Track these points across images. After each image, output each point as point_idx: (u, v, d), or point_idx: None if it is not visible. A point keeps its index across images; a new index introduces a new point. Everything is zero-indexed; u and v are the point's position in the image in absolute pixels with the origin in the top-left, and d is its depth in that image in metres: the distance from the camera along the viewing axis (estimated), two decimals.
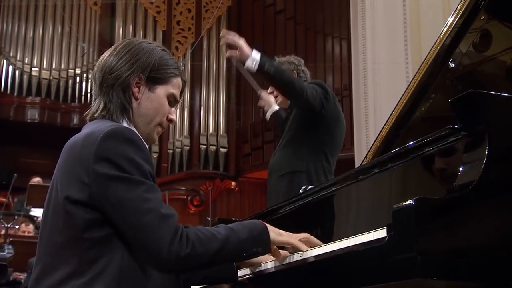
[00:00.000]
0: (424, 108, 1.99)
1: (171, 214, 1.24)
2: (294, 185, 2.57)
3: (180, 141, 9.64)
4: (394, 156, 1.33)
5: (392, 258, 1.02)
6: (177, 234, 1.21)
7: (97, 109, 1.39)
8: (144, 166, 1.25)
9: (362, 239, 1.16)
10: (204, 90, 9.72)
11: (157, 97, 1.40)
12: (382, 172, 1.35)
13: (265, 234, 1.33)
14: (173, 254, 1.20)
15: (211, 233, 1.27)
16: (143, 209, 1.20)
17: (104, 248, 1.23)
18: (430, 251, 0.99)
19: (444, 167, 1.20)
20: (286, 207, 1.71)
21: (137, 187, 1.22)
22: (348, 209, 1.48)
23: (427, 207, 1.02)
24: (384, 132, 2.05)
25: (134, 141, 1.27)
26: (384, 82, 5.64)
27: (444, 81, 1.92)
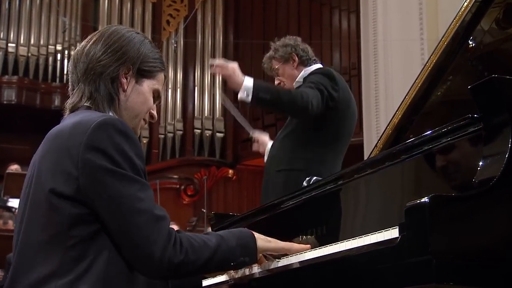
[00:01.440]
0: (441, 92, 1.98)
1: (164, 216, 1.25)
2: (291, 183, 2.54)
3: (172, 125, 9.63)
4: (407, 147, 1.32)
5: (404, 261, 1.02)
6: (171, 239, 1.23)
7: (80, 99, 1.39)
8: (137, 162, 1.26)
9: (371, 239, 1.16)
10: (199, 69, 9.69)
11: (144, 91, 1.42)
12: (394, 165, 1.34)
13: (252, 243, 1.36)
14: (165, 260, 1.22)
15: (203, 241, 1.30)
16: (137, 209, 1.22)
17: (89, 246, 1.24)
18: (447, 254, 0.99)
19: (462, 160, 1.19)
20: (289, 202, 1.71)
21: (131, 184, 1.23)
22: (356, 205, 1.48)
23: (443, 205, 1.02)
24: (396, 118, 2.04)
25: (128, 134, 1.27)
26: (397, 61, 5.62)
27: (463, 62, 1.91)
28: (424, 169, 1.29)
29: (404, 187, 1.35)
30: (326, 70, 2.77)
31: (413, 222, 1.02)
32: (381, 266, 1.07)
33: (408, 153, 1.31)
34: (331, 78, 2.70)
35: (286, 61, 2.86)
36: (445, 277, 0.98)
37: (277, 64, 2.88)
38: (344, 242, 1.25)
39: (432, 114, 2.05)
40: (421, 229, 1.01)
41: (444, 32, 1.91)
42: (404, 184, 1.35)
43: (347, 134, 2.77)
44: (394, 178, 1.35)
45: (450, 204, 1.03)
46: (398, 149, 1.35)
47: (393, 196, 1.35)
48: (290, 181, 2.60)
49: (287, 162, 2.67)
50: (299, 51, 2.87)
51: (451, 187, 1.19)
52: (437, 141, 1.23)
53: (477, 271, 1.01)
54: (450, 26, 1.88)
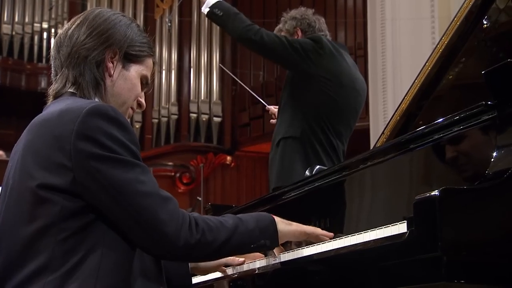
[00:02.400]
0: (452, 75, 1.97)
1: (171, 197, 1.28)
2: (286, 154, 2.65)
3: (166, 108, 9.61)
4: (416, 136, 1.32)
5: (412, 257, 1.03)
6: (185, 218, 1.26)
7: (64, 84, 1.38)
8: (133, 147, 1.27)
9: (378, 234, 1.16)
10: (194, 49, 9.64)
11: (131, 77, 1.43)
12: (402, 155, 1.34)
13: (273, 226, 1.38)
14: (181, 240, 1.25)
15: (219, 221, 1.33)
16: (141, 192, 1.24)
17: (81, 240, 1.24)
18: (458, 250, 0.99)
19: (474, 151, 1.19)
20: (291, 193, 1.72)
21: (131, 168, 1.25)
22: (361, 197, 1.48)
23: (454, 198, 1.02)
24: (405, 103, 2.04)
25: (120, 121, 1.28)
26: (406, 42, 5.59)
27: (477, 43, 1.90)
28: (434, 159, 1.29)
29: (413, 179, 1.35)
30: (313, 35, 2.88)
31: (422, 217, 1.02)
32: (388, 262, 1.08)
33: (417, 142, 1.31)
34: (316, 41, 2.80)
35: (292, 35, 2.96)
36: (456, 275, 0.98)
37: None
38: (349, 237, 1.25)
39: (443, 99, 2.04)
40: (430, 224, 1.01)
41: (457, 11, 1.90)
42: (413, 176, 1.35)
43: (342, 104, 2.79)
44: (402, 169, 1.35)
45: (462, 197, 1.03)
46: (407, 138, 1.34)
47: (401, 188, 1.35)
48: (285, 152, 2.73)
49: (283, 133, 2.79)
50: (305, 26, 2.96)
51: (462, 179, 1.18)
52: (448, 130, 1.23)
53: (490, 269, 1.01)
54: (463, 4, 1.87)
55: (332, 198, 1.56)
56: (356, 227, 1.40)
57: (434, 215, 1.00)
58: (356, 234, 1.23)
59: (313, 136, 2.73)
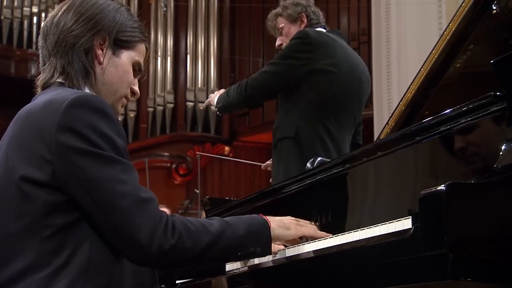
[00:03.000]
0: (460, 63, 1.97)
1: (151, 198, 1.25)
2: (282, 156, 2.64)
3: (162, 97, 9.60)
4: (422, 128, 1.31)
5: (417, 254, 1.02)
6: (161, 222, 1.23)
7: (52, 74, 1.37)
8: (118, 141, 1.26)
9: (382, 230, 1.16)
10: (191, 35, 9.61)
11: (122, 64, 1.41)
12: (407, 148, 1.33)
13: (265, 232, 1.35)
14: (155, 245, 1.21)
15: (202, 225, 1.29)
16: (119, 192, 1.21)
17: (68, 236, 1.24)
18: (465, 247, 0.99)
19: (483, 143, 1.18)
20: (291, 186, 1.71)
21: (111, 165, 1.23)
22: (364, 192, 1.48)
23: (461, 193, 1.01)
24: (410, 92, 2.03)
25: (105, 111, 1.26)
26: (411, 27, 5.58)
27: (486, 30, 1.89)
28: (440, 152, 1.29)
29: (418, 173, 1.34)
30: (299, 33, 2.82)
31: (428, 212, 1.02)
32: (392, 259, 1.07)
33: (423, 134, 1.30)
34: (301, 37, 2.75)
35: (294, 21, 2.91)
36: (463, 273, 0.98)
37: (283, 23, 2.93)
38: (351, 233, 1.25)
39: (450, 88, 2.04)
40: (436, 220, 1.00)
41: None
42: (418, 169, 1.35)
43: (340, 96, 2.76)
44: (408, 162, 1.35)
45: (469, 192, 1.02)
46: (412, 130, 1.34)
47: (405, 182, 1.35)
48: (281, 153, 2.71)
49: (279, 132, 2.77)
50: (310, 13, 2.93)
51: (470, 173, 1.18)
52: (455, 122, 1.22)
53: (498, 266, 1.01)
54: None
55: (334, 192, 1.55)
56: (359, 223, 1.40)
57: (440, 211, 1.00)
58: (359, 230, 1.23)
59: (312, 134, 2.68)
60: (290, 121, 2.73)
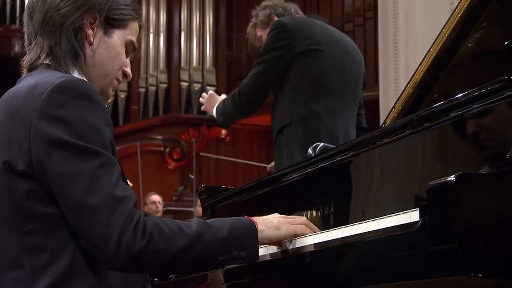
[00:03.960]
0: (472, 42, 1.96)
1: (126, 196, 1.22)
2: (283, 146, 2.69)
3: (155, 76, 9.58)
4: (431, 113, 1.31)
5: (425, 249, 1.02)
6: (132, 222, 1.19)
7: (38, 55, 1.36)
8: (104, 131, 1.25)
9: (387, 222, 1.16)
10: (185, 10, 9.57)
11: (114, 44, 1.40)
12: (415, 135, 1.33)
13: (251, 235, 1.32)
14: (122, 247, 1.18)
15: (178, 226, 1.26)
16: (91, 189, 1.19)
17: (51, 233, 1.23)
18: (475, 242, 0.99)
19: (495, 131, 1.18)
20: (292, 174, 1.71)
21: (89, 158, 1.21)
22: (369, 181, 1.48)
23: (472, 184, 1.01)
24: (418, 74, 2.03)
25: (92, 98, 1.25)
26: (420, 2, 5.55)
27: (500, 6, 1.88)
28: (450, 140, 1.28)
29: (427, 162, 1.34)
30: (273, 24, 2.87)
31: (437, 204, 1.02)
32: (398, 254, 1.07)
33: (432, 120, 1.30)
34: (278, 28, 2.79)
35: (267, 25, 2.99)
36: (473, 269, 0.98)
37: (259, 31, 3.01)
38: (355, 225, 1.25)
39: (461, 69, 2.03)
40: (445, 213, 1.00)
41: None
42: (427, 158, 1.34)
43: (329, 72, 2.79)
44: (415, 150, 1.35)
45: (481, 183, 1.02)
46: (421, 116, 1.33)
47: (413, 172, 1.35)
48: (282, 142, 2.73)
49: (277, 123, 2.79)
50: (279, 11, 2.99)
51: (482, 163, 1.18)
52: (467, 107, 1.22)
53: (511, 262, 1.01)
54: None
55: (337, 181, 1.55)
56: (363, 215, 1.40)
57: (450, 203, 1.00)
58: (363, 223, 1.23)
59: (308, 114, 2.71)
60: (284, 111, 2.76)
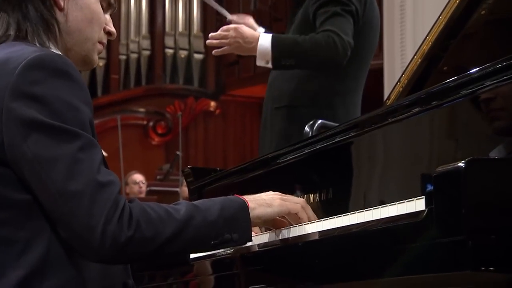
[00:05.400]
0: (486, 9, 1.96)
1: (110, 181, 1.22)
2: (294, 126, 2.49)
3: (136, 42, 9.54)
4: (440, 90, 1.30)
5: (430, 241, 1.03)
6: (117, 209, 1.20)
7: (6, 30, 1.34)
8: (83, 111, 1.24)
9: (390, 211, 1.16)
10: None
11: (87, 3, 1.38)
12: (422, 115, 1.33)
13: (243, 215, 1.33)
14: (108, 237, 1.18)
15: (166, 211, 1.26)
16: (71, 172, 1.19)
17: (22, 224, 1.23)
18: (486, 234, 0.99)
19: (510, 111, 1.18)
20: (287, 156, 1.71)
21: (68, 141, 1.21)
22: (371, 166, 1.48)
23: (483, 171, 1.01)
24: (426, 44, 2.02)
25: (70, 75, 1.25)
26: None
27: None
28: (461, 120, 1.29)
29: (434, 145, 1.34)
30: None
31: (444, 192, 1.02)
32: (401, 246, 1.08)
33: (441, 98, 1.30)
34: None
35: None
36: (484, 263, 0.99)
37: None
38: (355, 214, 1.25)
39: (473, 38, 2.03)
40: (454, 202, 1.00)
41: None
42: (434, 141, 1.34)
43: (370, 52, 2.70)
44: (422, 132, 1.35)
45: (493, 169, 1.02)
46: (429, 93, 1.33)
47: (419, 155, 1.35)
48: (292, 122, 2.56)
49: (289, 97, 2.63)
50: None
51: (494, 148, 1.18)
52: (479, 84, 1.22)
53: None
54: None
55: (336, 164, 1.56)
56: (364, 202, 1.41)
57: (459, 191, 1.00)
58: (364, 211, 1.23)
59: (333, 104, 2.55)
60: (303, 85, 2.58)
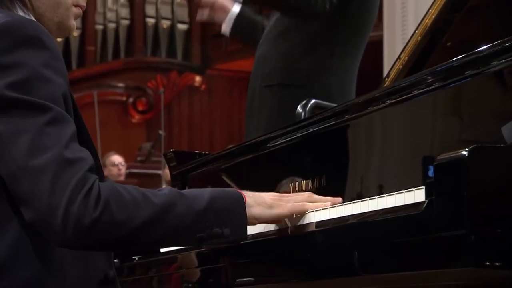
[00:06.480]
0: None
1: (80, 158, 1.21)
2: (286, 106, 2.49)
3: (114, 11, 9.49)
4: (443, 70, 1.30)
5: (431, 235, 1.03)
6: (83, 188, 1.18)
7: None
8: (55, 82, 1.23)
9: (388, 202, 1.17)
10: None
11: None
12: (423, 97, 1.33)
13: (238, 209, 1.31)
14: (71, 218, 1.16)
15: (143, 194, 1.24)
16: (35, 147, 1.18)
17: None
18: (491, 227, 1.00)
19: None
20: (278, 140, 1.71)
21: (34, 115, 1.20)
22: (368, 152, 1.48)
23: (488, 160, 1.02)
24: (429, 18, 2.02)
25: (42, 42, 1.24)
26: None
27: None
28: (466, 104, 1.29)
29: (437, 131, 1.34)
30: None
31: (446, 183, 1.02)
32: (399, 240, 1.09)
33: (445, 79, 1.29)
34: None
35: None
36: (487, 258, 0.99)
37: None
38: (350, 204, 1.26)
39: (480, 11, 2.03)
40: (456, 192, 1.01)
41: None
42: (437, 126, 1.34)
43: (369, 23, 2.70)
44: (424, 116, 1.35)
45: (498, 158, 1.03)
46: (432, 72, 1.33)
47: (420, 142, 1.35)
48: (285, 102, 2.54)
49: (281, 74, 2.62)
50: None
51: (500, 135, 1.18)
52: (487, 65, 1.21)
53: None
54: None
55: (330, 149, 1.56)
56: (360, 191, 1.41)
57: (461, 181, 1.00)
58: (360, 201, 1.23)
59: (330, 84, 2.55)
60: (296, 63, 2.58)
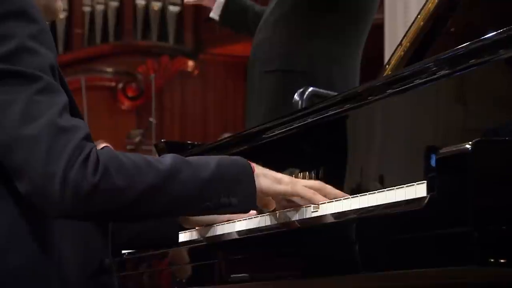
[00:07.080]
0: None
1: (74, 126, 1.21)
2: (286, 92, 2.51)
3: None
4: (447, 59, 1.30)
5: (432, 232, 1.04)
6: (81, 154, 1.17)
7: None
8: (43, 54, 1.24)
9: (388, 197, 1.17)
10: None
11: None
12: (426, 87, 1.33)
13: (246, 178, 1.29)
14: (69, 184, 1.15)
15: (145, 160, 1.23)
16: (27, 115, 1.18)
17: None
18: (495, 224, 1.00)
19: None
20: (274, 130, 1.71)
21: (24, 84, 1.20)
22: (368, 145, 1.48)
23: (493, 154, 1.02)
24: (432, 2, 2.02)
25: (29, 14, 1.25)
26: None
27: None
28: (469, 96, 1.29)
29: (439, 123, 1.34)
30: None
31: (448, 177, 1.02)
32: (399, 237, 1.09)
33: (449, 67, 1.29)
34: None
35: None
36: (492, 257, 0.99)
37: None
38: (349, 199, 1.26)
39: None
40: (459, 188, 1.01)
41: None
42: (441, 117, 1.34)
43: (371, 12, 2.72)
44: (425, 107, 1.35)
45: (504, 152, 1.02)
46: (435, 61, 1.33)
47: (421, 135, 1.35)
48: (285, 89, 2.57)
49: (282, 60, 2.65)
50: None
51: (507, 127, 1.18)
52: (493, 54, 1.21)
53: None
54: None
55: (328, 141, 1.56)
56: (360, 185, 1.41)
57: (464, 176, 1.00)
58: (359, 196, 1.23)
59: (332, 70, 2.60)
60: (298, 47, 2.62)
